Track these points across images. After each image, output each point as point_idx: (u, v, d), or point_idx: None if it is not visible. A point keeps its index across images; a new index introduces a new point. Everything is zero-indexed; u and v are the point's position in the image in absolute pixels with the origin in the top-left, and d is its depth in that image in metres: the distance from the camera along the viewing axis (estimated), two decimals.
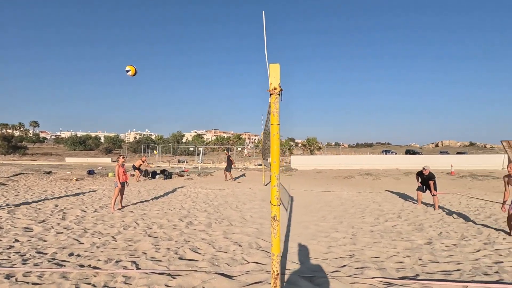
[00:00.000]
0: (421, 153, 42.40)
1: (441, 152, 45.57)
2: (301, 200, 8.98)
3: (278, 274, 2.33)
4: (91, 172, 14.82)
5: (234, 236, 4.83)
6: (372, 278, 3.10)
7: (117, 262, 3.57)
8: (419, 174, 8.16)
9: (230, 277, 3.08)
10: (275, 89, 2.39)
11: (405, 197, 9.78)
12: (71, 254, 3.91)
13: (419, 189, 8.18)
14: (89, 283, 2.98)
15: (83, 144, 49.32)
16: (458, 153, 39.06)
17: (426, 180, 7.98)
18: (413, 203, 8.50)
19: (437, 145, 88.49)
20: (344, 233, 5.20)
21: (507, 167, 5.13)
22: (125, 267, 3.36)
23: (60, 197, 8.60)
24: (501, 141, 23.23)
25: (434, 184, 7.74)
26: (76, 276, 3.12)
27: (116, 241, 4.58)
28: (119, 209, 7.10)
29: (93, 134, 75.11)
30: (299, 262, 3.61)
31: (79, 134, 66.26)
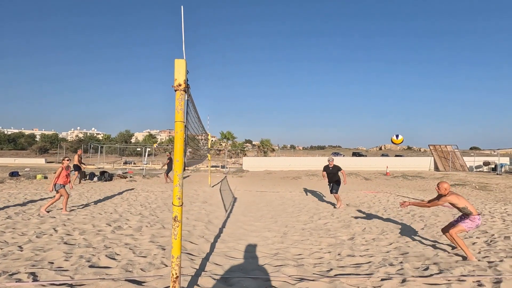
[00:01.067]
0: (365, 156, 45.86)
1: (382, 155, 49.86)
2: (244, 201, 9.02)
3: (177, 277, 2.25)
4: (14, 174, 13.10)
5: (161, 240, 4.62)
6: (288, 276, 3.19)
7: (11, 275, 3.14)
8: (325, 168, 7.98)
9: (140, 283, 2.91)
10: (180, 85, 2.31)
11: (342, 196, 10.40)
12: None
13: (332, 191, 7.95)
14: None
15: (12, 143, 43.62)
16: (396, 155, 43.08)
17: (333, 173, 7.75)
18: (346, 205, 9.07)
19: (380, 148, 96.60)
20: (276, 232, 5.32)
21: (436, 187, 4.24)
22: (18, 280, 2.97)
23: None
24: (428, 145, 26.29)
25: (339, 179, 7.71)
26: None
27: (22, 250, 4.05)
28: (70, 211, 6.83)
29: (27, 132, 66.91)
30: (219, 263, 3.57)
31: (9, 131, 58.49)
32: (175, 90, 2.33)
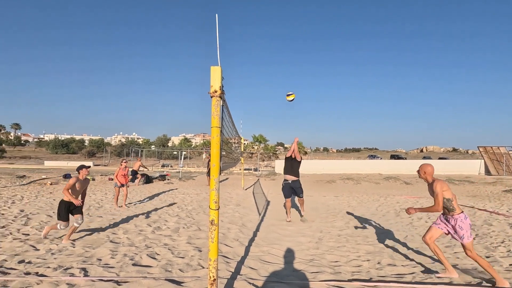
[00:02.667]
0: (405, 158, 43.25)
1: (425, 157, 46.68)
2: (276, 204, 8.98)
3: (215, 279, 2.29)
4: (67, 176, 14.39)
5: (198, 241, 4.76)
6: (321, 281, 3.10)
7: (66, 269, 3.44)
8: (287, 159, 6.41)
9: (179, 283, 3.01)
10: (216, 91, 2.37)
11: (381, 201, 9.91)
12: (21, 262, 3.74)
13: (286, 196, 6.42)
14: None
15: (65, 148, 48.06)
16: (440, 158, 40.10)
17: (294, 165, 6.17)
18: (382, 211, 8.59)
19: (421, 150, 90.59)
20: (310, 237, 5.20)
21: (417, 171, 3.62)
22: (72, 275, 3.24)
23: (28, 202, 8.31)
24: (478, 146, 24.09)
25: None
26: (17, 285, 2.99)
27: (74, 247, 4.43)
28: (120, 206, 7.90)
29: (78, 137, 73.32)
30: (254, 267, 3.57)
31: (63, 137, 64.59)
32: (211, 97, 2.39)
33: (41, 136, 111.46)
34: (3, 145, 53.39)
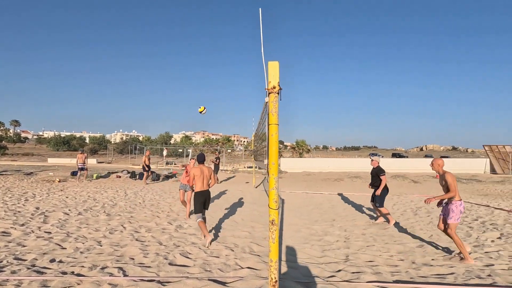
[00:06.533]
0: (407, 157, 43.28)
1: (426, 156, 46.69)
2: (291, 202, 8.92)
3: (276, 281, 2.23)
4: (75, 173, 14.28)
5: (225, 240, 4.69)
6: (368, 282, 3.04)
7: (102, 268, 3.37)
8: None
9: (223, 283, 2.95)
10: (274, 87, 2.30)
11: (395, 200, 9.87)
12: (52, 260, 3.68)
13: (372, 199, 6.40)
14: None
15: (66, 145, 47.74)
16: (441, 156, 40.10)
17: (375, 176, 6.38)
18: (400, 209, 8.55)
19: (421, 149, 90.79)
20: (336, 237, 5.15)
21: (430, 165, 4.33)
22: (111, 274, 3.17)
23: (41, 199, 8.22)
24: (483, 145, 24.10)
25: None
26: (57, 285, 2.92)
27: (101, 246, 4.36)
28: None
29: (78, 134, 73.00)
30: (293, 267, 3.52)
31: (63, 134, 64.34)
32: (269, 93, 2.32)
33: (41, 133, 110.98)
34: (3, 141, 53.06)
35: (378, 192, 6.23)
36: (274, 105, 2.31)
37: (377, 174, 6.44)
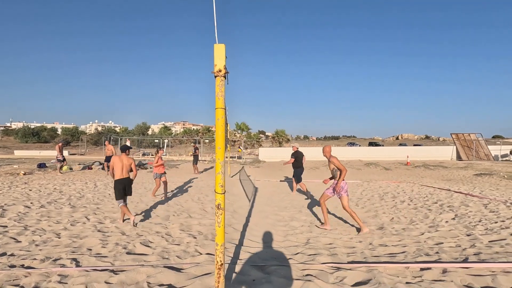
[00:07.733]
0: (383, 145, 44.81)
1: (400, 145, 48.55)
2: (264, 191, 9.02)
3: (222, 264, 2.24)
4: (41, 166, 13.63)
5: (191, 228, 4.68)
6: (322, 263, 3.15)
7: (55, 260, 3.26)
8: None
9: (178, 270, 2.95)
10: (220, 71, 2.26)
11: (364, 186, 10.23)
12: (2, 254, 3.51)
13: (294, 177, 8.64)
14: (17, 285, 2.68)
15: (36, 136, 45.30)
16: (415, 145, 41.85)
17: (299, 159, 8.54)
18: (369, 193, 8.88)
19: (397, 138, 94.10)
20: (302, 222, 5.28)
21: (322, 152, 5.07)
22: (62, 265, 3.08)
23: (1, 193, 7.79)
24: (451, 134, 25.38)
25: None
26: (3, 278, 2.80)
27: (59, 238, 4.21)
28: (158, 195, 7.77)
29: (49, 126, 69.32)
30: (253, 252, 3.57)
31: (33, 125, 60.82)
32: (215, 76, 2.27)
33: (8, 124, 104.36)
34: None
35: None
36: (220, 89, 2.28)
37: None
